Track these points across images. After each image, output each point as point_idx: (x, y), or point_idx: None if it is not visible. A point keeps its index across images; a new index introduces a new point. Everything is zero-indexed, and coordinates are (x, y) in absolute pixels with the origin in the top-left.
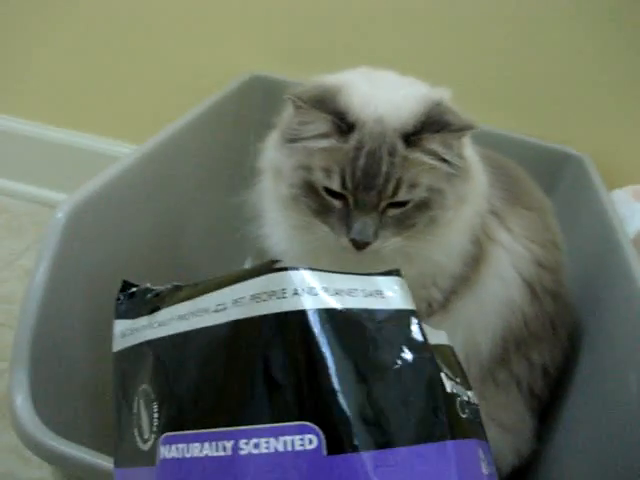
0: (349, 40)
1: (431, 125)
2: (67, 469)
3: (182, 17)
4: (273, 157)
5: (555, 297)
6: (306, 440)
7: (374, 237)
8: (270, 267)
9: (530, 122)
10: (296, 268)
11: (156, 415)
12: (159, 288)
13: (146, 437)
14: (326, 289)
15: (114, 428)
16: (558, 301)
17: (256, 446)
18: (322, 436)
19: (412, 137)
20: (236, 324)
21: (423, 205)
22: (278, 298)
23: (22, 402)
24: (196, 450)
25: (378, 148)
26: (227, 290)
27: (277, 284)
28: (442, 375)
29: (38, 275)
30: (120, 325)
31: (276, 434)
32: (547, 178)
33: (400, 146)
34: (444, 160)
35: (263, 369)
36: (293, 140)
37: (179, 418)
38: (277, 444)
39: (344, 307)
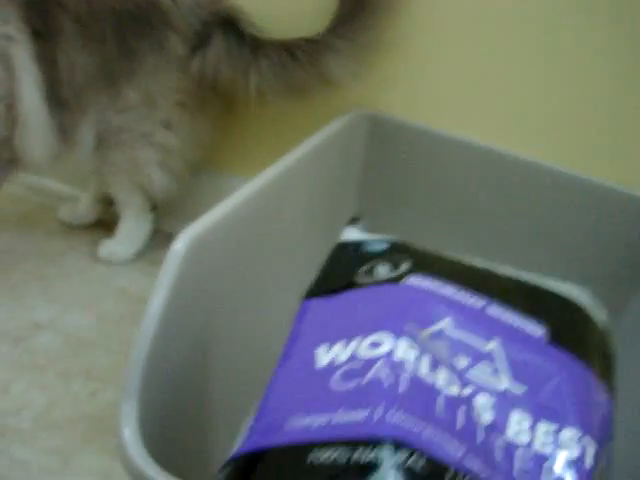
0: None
1: None
2: None
3: None
4: None
5: None
6: (537, 328)
7: None
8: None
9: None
10: None
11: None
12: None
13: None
14: None
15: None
16: None
17: (502, 312)
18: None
19: None
20: None
21: None
22: None
23: (131, 436)
24: (449, 292)
25: None
26: None
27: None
28: None
29: (154, 306)
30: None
31: (519, 316)
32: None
33: None
34: None
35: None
36: None
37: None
38: (516, 321)
39: None
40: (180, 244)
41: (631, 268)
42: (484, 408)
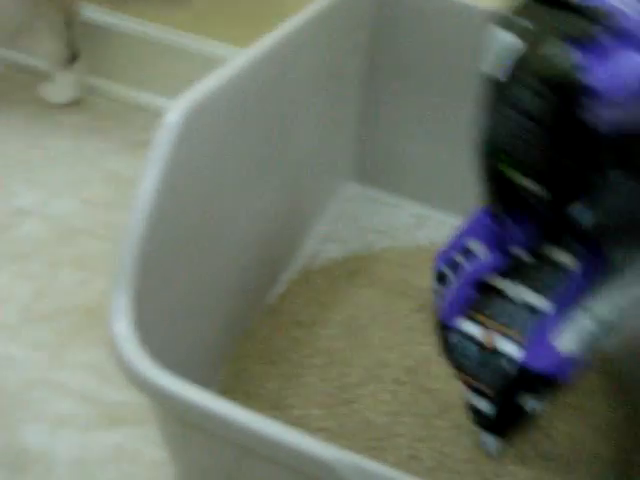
0: None
1: None
2: (174, 408)
3: None
4: None
5: None
6: None
7: None
8: None
9: None
10: None
11: None
12: None
13: None
14: None
15: None
16: None
17: None
18: None
19: None
20: None
21: None
22: None
23: (123, 331)
24: None
25: None
26: None
27: None
28: None
29: (147, 186)
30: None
31: None
32: None
33: None
34: None
35: None
36: None
37: None
38: None
39: None
40: (173, 116)
41: None
42: None
